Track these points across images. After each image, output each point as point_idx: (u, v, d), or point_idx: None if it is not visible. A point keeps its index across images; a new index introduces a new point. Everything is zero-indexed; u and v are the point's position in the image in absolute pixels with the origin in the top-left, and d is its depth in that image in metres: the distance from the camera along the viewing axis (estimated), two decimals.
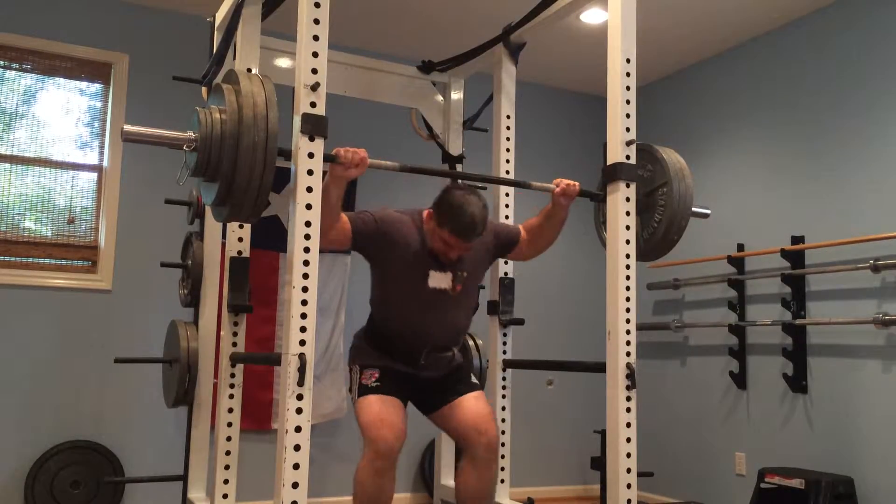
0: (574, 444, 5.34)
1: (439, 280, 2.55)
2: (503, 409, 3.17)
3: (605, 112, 2.57)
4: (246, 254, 3.02)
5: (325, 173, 2.26)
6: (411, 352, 2.55)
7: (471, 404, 2.56)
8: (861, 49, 4.12)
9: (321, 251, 2.23)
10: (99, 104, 4.52)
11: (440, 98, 3.72)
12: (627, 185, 2.52)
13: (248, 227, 3.02)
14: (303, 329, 2.13)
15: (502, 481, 3.16)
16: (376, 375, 2.50)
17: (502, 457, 3.12)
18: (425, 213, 2.55)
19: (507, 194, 3.27)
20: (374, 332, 2.66)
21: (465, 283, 2.62)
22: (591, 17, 4.52)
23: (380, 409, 2.41)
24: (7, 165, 4.26)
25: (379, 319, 2.65)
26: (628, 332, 2.46)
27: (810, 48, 4.42)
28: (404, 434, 2.42)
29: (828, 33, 4.32)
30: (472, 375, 2.73)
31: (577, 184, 2.73)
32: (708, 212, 2.97)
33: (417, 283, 2.53)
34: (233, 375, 2.94)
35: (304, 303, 2.14)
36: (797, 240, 4.29)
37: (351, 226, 2.48)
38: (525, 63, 3.43)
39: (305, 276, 2.16)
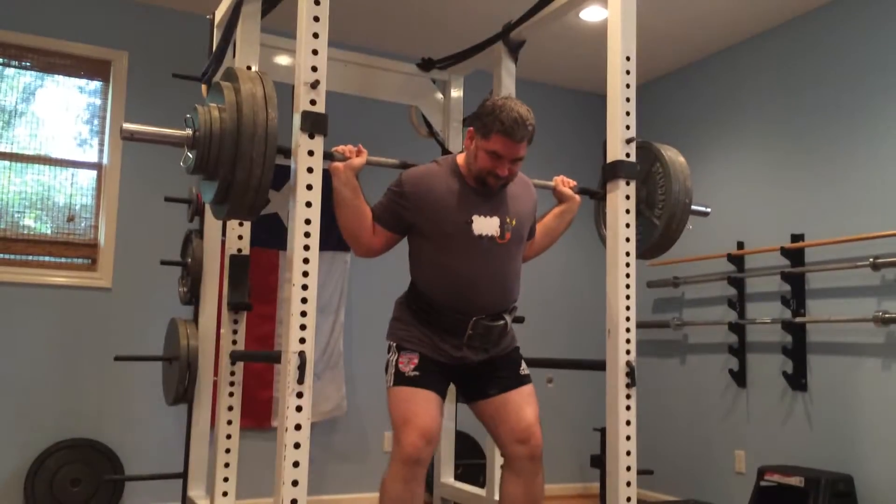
0: (574, 442, 5.34)
1: (485, 226, 2.33)
2: None
3: (605, 110, 2.57)
4: (246, 252, 3.02)
5: (326, 177, 2.25)
6: (457, 320, 2.32)
7: (515, 408, 2.34)
8: (860, 47, 4.12)
9: (322, 250, 2.24)
10: (98, 102, 4.52)
11: (440, 95, 3.72)
12: (627, 183, 2.52)
13: (247, 224, 3.02)
14: (303, 327, 2.13)
15: None
16: (415, 362, 2.29)
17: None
18: (464, 142, 2.39)
19: None
20: (416, 300, 2.39)
21: (514, 232, 2.38)
22: (591, 14, 4.52)
23: (413, 406, 2.23)
24: (6, 163, 4.26)
25: (422, 285, 2.38)
26: (628, 329, 2.46)
27: (810, 46, 4.41)
28: (437, 437, 2.26)
29: (827, 32, 4.32)
30: (522, 364, 2.46)
31: (573, 182, 2.75)
32: (708, 210, 2.97)
33: (461, 232, 2.31)
34: (233, 373, 2.94)
35: (304, 301, 2.14)
36: (797, 238, 4.29)
37: (382, 225, 2.37)
38: (525, 61, 3.43)
39: (305, 273, 2.16)
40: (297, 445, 2.09)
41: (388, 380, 2.33)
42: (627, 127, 2.52)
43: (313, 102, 2.20)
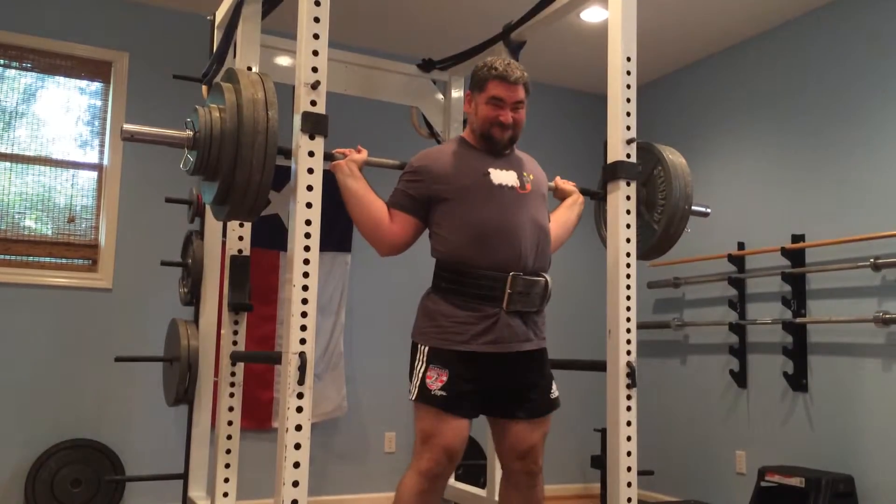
0: (574, 443, 5.34)
1: (504, 177, 2.30)
2: None
3: (606, 111, 2.57)
4: (246, 252, 3.02)
5: (327, 178, 2.25)
6: (494, 281, 2.19)
7: (524, 428, 2.29)
8: (861, 48, 4.12)
9: (323, 251, 2.24)
10: (99, 103, 4.52)
11: (440, 96, 3.72)
12: (628, 184, 2.52)
13: (248, 225, 3.02)
14: (303, 328, 2.13)
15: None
16: (444, 379, 2.16)
17: None
18: (464, 107, 2.44)
19: None
20: (445, 277, 2.26)
21: (533, 185, 2.35)
22: (591, 15, 4.52)
23: (440, 425, 2.16)
24: (7, 164, 4.26)
25: (451, 254, 2.24)
26: (629, 330, 2.46)
27: (810, 47, 4.41)
28: (461, 455, 2.20)
29: (828, 32, 4.32)
30: (553, 386, 2.39)
31: (572, 183, 2.77)
32: (708, 210, 2.97)
33: (481, 183, 2.26)
34: (233, 374, 2.94)
35: (305, 301, 2.14)
36: (797, 238, 4.29)
37: (399, 209, 2.30)
38: (525, 61, 3.42)
39: (306, 274, 2.15)
40: (297, 446, 2.09)
41: (413, 390, 2.22)
42: (628, 127, 2.52)
43: (314, 103, 2.20)
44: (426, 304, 2.31)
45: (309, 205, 2.18)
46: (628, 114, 2.52)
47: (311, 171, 2.19)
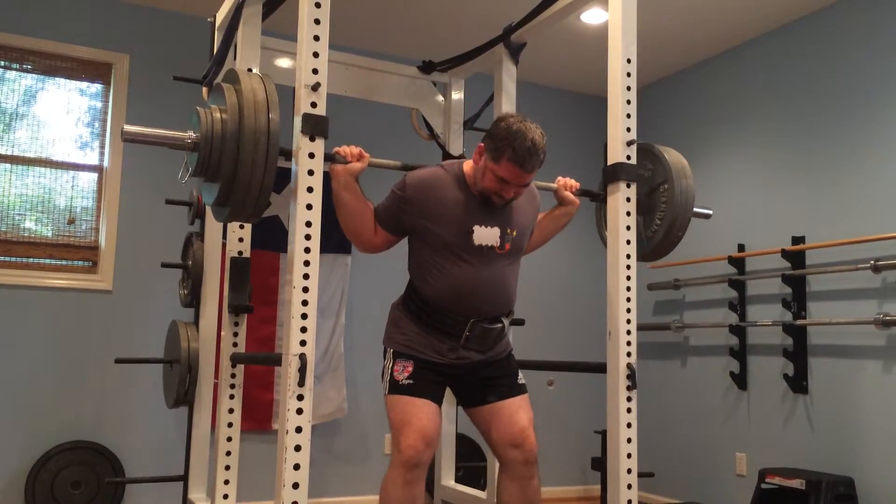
0: (574, 445, 5.34)
1: (486, 236, 2.34)
2: None
3: (606, 112, 2.57)
4: (246, 254, 3.02)
5: (327, 179, 2.26)
6: (455, 322, 2.33)
7: (509, 413, 2.36)
8: (861, 49, 4.12)
9: (323, 252, 2.24)
10: (99, 104, 4.52)
11: (441, 98, 3.72)
12: (628, 185, 2.52)
13: (248, 227, 3.02)
14: (303, 329, 2.13)
15: None
16: (410, 369, 2.30)
17: None
18: (473, 156, 2.36)
19: None
20: (414, 301, 2.39)
21: (514, 243, 2.40)
22: (591, 17, 4.53)
23: (411, 410, 2.25)
24: (7, 166, 4.26)
25: (420, 286, 2.38)
26: (629, 332, 2.46)
27: (810, 48, 4.42)
28: (436, 440, 2.28)
29: (828, 33, 4.32)
30: (519, 374, 2.47)
31: (577, 183, 2.75)
32: (709, 212, 2.97)
33: (462, 241, 2.32)
34: (233, 376, 2.94)
35: (305, 303, 2.14)
36: (798, 240, 4.29)
37: (383, 227, 2.40)
38: (526, 63, 3.43)
39: (306, 276, 2.16)
40: (297, 448, 2.09)
41: (384, 387, 2.35)
42: (628, 129, 2.52)
43: (314, 105, 2.20)
44: (396, 313, 2.44)
45: (309, 206, 2.18)
46: (628, 115, 2.52)
47: (311, 172, 2.19)
